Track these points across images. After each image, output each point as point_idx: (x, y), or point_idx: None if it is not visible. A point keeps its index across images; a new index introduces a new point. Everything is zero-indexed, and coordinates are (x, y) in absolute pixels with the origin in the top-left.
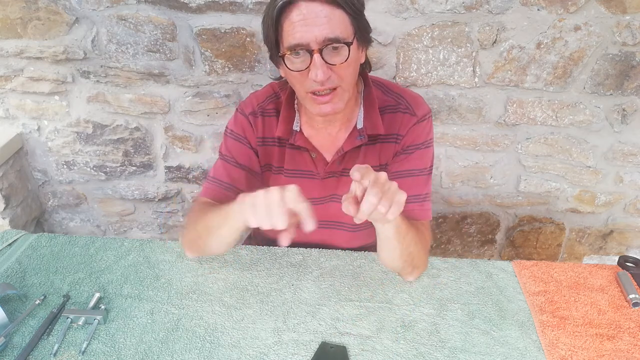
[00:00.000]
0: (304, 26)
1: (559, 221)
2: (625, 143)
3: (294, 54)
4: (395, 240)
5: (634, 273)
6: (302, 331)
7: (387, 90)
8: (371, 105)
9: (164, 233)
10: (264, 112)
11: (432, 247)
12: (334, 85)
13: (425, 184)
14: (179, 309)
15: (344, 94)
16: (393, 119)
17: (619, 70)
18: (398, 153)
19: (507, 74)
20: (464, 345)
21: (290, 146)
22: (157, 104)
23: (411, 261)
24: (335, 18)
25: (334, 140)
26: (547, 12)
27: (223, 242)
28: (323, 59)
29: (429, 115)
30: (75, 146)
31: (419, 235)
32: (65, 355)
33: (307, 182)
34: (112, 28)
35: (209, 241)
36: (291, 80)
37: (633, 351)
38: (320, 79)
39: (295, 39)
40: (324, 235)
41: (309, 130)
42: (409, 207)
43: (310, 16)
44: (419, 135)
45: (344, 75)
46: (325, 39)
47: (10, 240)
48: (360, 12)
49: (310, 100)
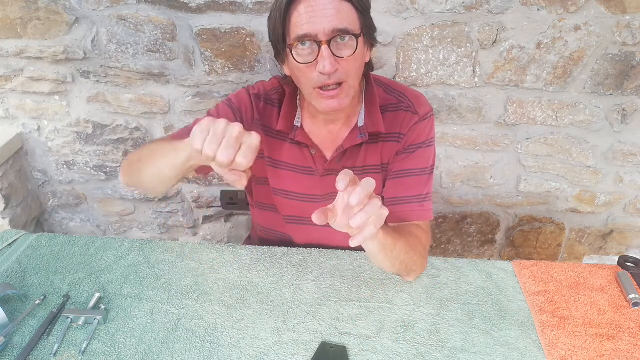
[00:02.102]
0: (312, 17)
1: (559, 221)
2: (625, 143)
3: (302, 44)
4: (381, 255)
5: (634, 273)
6: (302, 331)
7: (389, 89)
8: (372, 103)
9: (164, 233)
10: (267, 99)
11: (432, 247)
12: (341, 80)
13: (426, 184)
14: (179, 309)
15: (350, 90)
16: (395, 117)
17: (619, 70)
18: (399, 152)
19: (507, 74)
20: (464, 345)
21: (290, 141)
22: (157, 104)
23: (405, 268)
24: (344, 10)
25: (334, 137)
26: (547, 12)
27: (160, 174)
28: (331, 50)
29: (430, 114)
30: (75, 146)
31: (411, 242)
32: (65, 355)
33: (306, 178)
34: (112, 28)
35: (146, 168)
36: (297, 76)
37: (633, 351)
38: (328, 70)
39: (303, 29)
40: (324, 233)
41: (310, 126)
42: (409, 207)
43: (318, 8)
44: (420, 134)
45: (350, 69)
46: (334, 30)
47: (10, 240)
48: (367, 10)
49: (316, 95)
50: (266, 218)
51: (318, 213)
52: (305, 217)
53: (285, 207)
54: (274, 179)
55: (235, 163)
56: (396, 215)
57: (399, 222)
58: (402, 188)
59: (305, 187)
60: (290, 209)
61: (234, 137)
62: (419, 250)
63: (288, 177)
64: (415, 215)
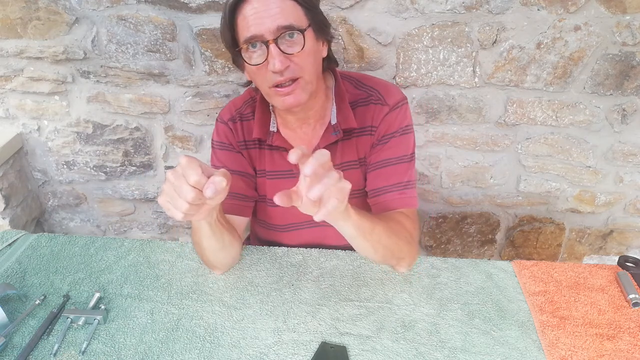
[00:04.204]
0: (257, 19)
1: (559, 221)
2: (625, 143)
3: (251, 46)
4: (360, 238)
5: (634, 273)
6: (302, 331)
7: (358, 83)
8: (342, 99)
9: (164, 233)
10: (242, 116)
11: (432, 247)
12: (295, 76)
13: (405, 172)
14: (179, 309)
15: (307, 86)
16: (365, 111)
17: (619, 70)
18: (374, 145)
19: (507, 74)
20: (464, 345)
21: (268, 147)
22: (157, 104)
23: (391, 254)
24: (288, 8)
25: (310, 138)
26: (547, 12)
27: (214, 252)
28: (279, 48)
29: (402, 103)
30: (75, 146)
31: (392, 227)
32: (65, 355)
33: (289, 182)
34: (112, 28)
35: (207, 256)
36: (254, 78)
37: (633, 351)
38: (278, 68)
39: (249, 31)
40: (315, 233)
41: (285, 130)
42: (388, 196)
43: (262, 8)
44: (392, 124)
45: (303, 65)
46: (278, 27)
47: (10, 240)
48: (314, 5)
49: (273, 94)
50: (261, 230)
51: (280, 195)
52: (296, 223)
53: (274, 215)
54: (260, 187)
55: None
56: (378, 206)
57: (383, 212)
58: (380, 179)
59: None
60: (279, 217)
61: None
62: (404, 235)
63: (271, 185)
64: (395, 203)
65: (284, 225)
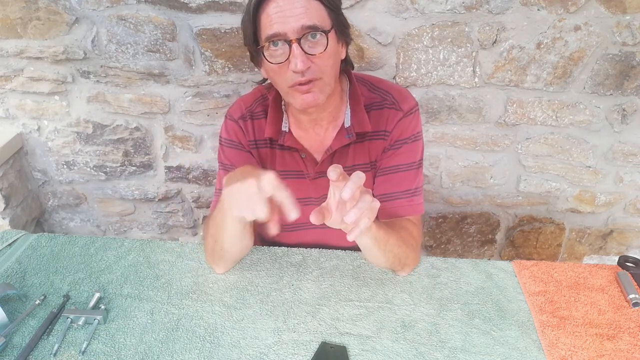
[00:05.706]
0: (281, 17)
1: (559, 221)
2: (625, 143)
3: (273, 45)
4: (375, 249)
5: (634, 273)
6: (302, 331)
7: (372, 87)
8: (357, 102)
9: (164, 233)
10: (252, 115)
11: (432, 247)
12: (315, 77)
13: (414, 178)
14: (179, 309)
15: (325, 87)
16: (380, 115)
17: (619, 70)
18: (386, 149)
19: (507, 74)
20: (464, 345)
21: (279, 147)
22: (157, 104)
23: (398, 262)
24: (312, 8)
25: (322, 140)
26: (547, 12)
27: (235, 242)
28: (302, 48)
29: (415, 109)
30: (75, 146)
31: (403, 236)
32: (65, 355)
33: (299, 182)
34: (112, 28)
35: (225, 246)
36: (272, 77)
37: (633, 351)
38: (300, 68)
39: (272, 29)
40: (319, 234)
41: (297, 130)
42: (398, 203)
43: (287, 7)
44: (405, 130)
45: (323, 66)
46: (302, 27)
47: (10, 240)
48: (337, 7)
49: (292, 93)
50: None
51: (315, 213)
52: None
53: None
54: None
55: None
56: (386, 212)
57: (390, 218)
58: (390, 184)
59: (298, 191)
60: None
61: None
62: (412, 243)
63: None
64: (404, 210)
65: (288, 225)
